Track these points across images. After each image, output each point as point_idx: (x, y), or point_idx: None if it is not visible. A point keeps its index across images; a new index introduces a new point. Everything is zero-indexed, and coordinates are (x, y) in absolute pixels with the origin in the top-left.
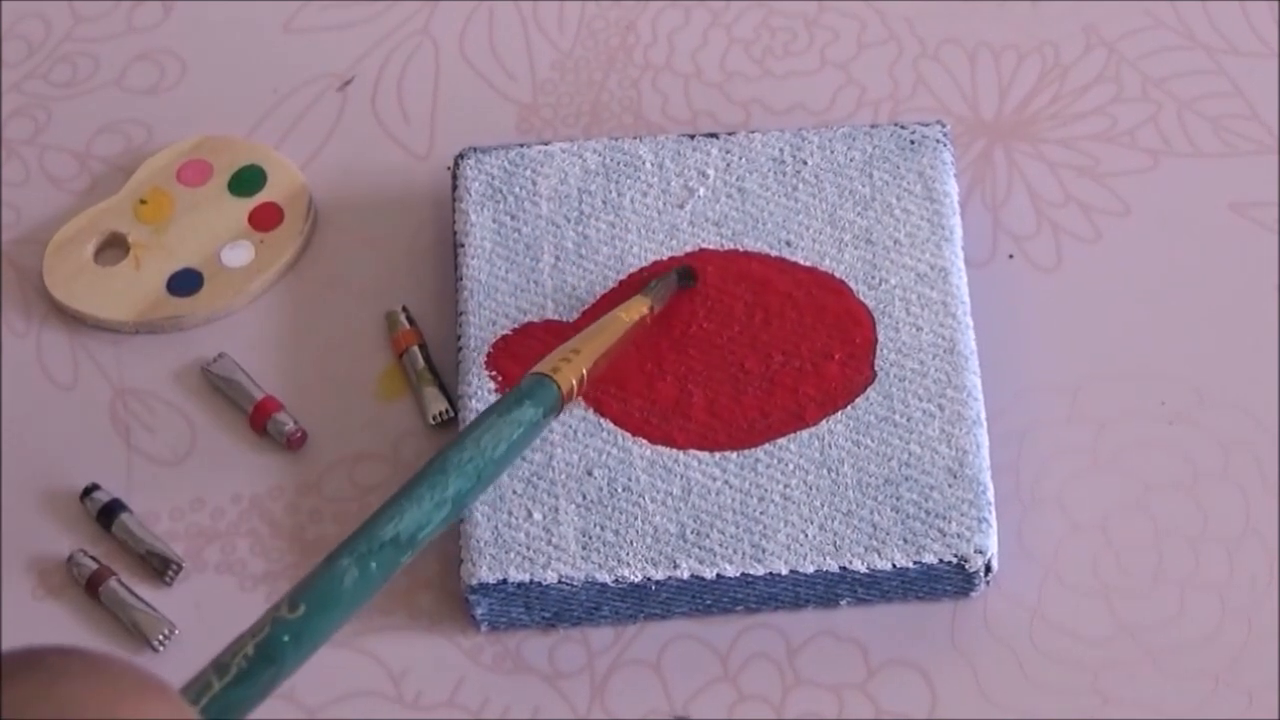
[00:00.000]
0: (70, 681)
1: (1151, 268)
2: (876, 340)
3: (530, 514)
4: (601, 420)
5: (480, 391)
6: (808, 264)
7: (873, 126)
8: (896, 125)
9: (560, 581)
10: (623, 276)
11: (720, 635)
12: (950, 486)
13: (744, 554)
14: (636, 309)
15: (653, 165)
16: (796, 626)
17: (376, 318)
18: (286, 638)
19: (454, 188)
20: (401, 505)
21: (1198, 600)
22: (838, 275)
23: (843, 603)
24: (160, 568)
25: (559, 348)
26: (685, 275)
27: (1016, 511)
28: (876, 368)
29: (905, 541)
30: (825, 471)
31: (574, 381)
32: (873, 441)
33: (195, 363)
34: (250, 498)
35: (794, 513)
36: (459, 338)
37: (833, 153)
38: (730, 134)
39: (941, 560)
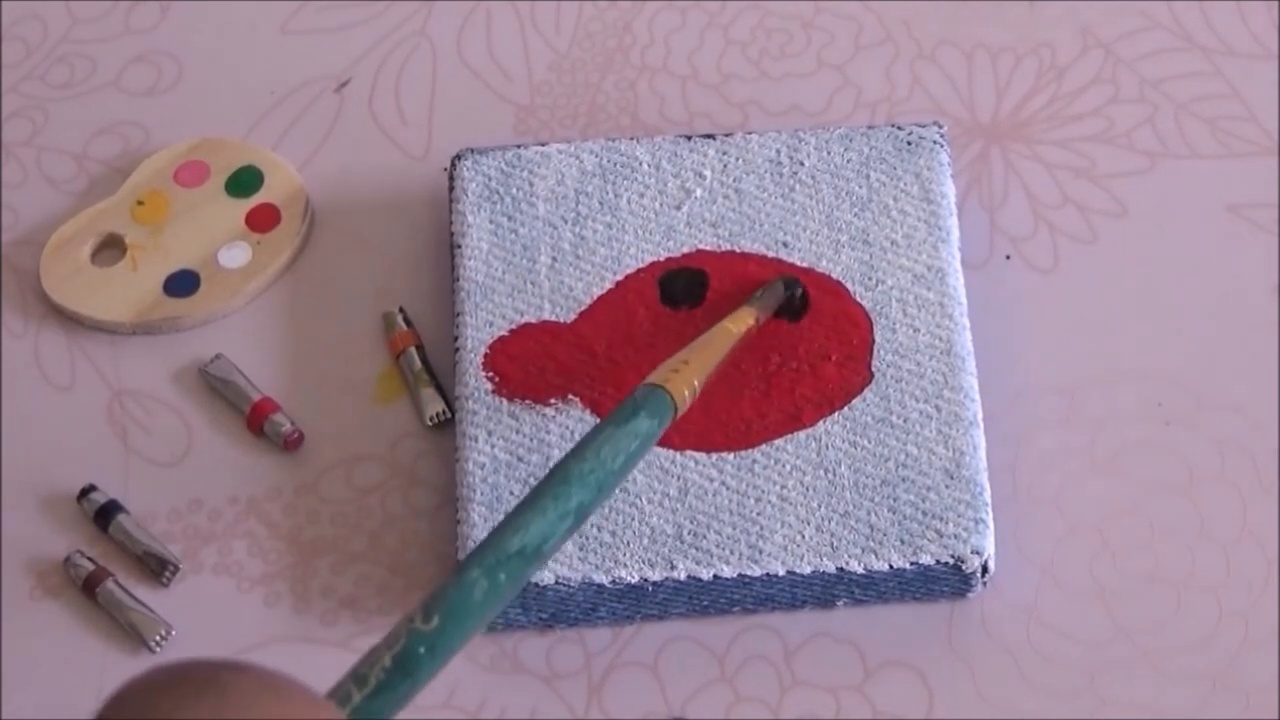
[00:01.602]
0: (243, 698)
1: (1148, 269)
2: (873, 341)
3: None
4: (598, 421)
5: (477, 392)
6: (804, 265)
7: (869, 128)
8: (893, 126)
9: (557, 582)
10: (619, 277)
11: (717, 636)
12: (947, 487)
13: (741, 555)
14: (743, 320)
15: (650, 166)
16: (794, 627)
17: (373, 319)
18: (422, 649)
19: (451, 189)
20: (526, 517)
21: (1194, 601)
22: (834, 276)
23: (840, 603)
24: (157, 569)
25: (669, 359)
26: (790, 284)
27: (1013, 512)
28: (873, 369)
29: (902, 542)
30: (822, 473)
31: (686, 392)
32: (869, 443)
33: (192, 364)
34: (247, 499)
35: (791, 514)
36: (456, 339)
37: (829, 154)
38: (727, 135)
39: (938, 561)
